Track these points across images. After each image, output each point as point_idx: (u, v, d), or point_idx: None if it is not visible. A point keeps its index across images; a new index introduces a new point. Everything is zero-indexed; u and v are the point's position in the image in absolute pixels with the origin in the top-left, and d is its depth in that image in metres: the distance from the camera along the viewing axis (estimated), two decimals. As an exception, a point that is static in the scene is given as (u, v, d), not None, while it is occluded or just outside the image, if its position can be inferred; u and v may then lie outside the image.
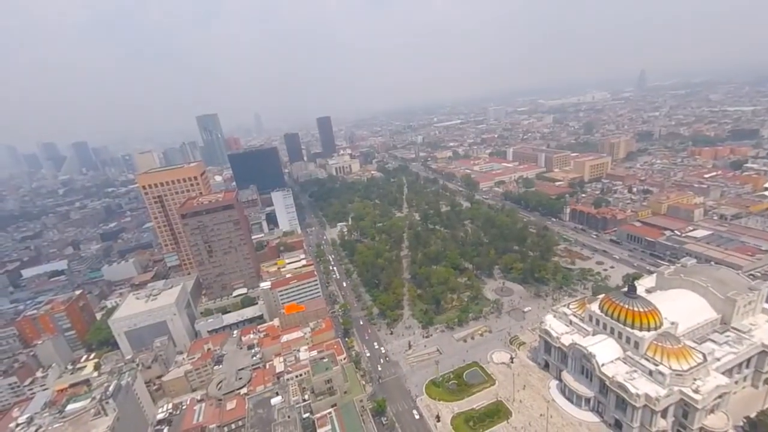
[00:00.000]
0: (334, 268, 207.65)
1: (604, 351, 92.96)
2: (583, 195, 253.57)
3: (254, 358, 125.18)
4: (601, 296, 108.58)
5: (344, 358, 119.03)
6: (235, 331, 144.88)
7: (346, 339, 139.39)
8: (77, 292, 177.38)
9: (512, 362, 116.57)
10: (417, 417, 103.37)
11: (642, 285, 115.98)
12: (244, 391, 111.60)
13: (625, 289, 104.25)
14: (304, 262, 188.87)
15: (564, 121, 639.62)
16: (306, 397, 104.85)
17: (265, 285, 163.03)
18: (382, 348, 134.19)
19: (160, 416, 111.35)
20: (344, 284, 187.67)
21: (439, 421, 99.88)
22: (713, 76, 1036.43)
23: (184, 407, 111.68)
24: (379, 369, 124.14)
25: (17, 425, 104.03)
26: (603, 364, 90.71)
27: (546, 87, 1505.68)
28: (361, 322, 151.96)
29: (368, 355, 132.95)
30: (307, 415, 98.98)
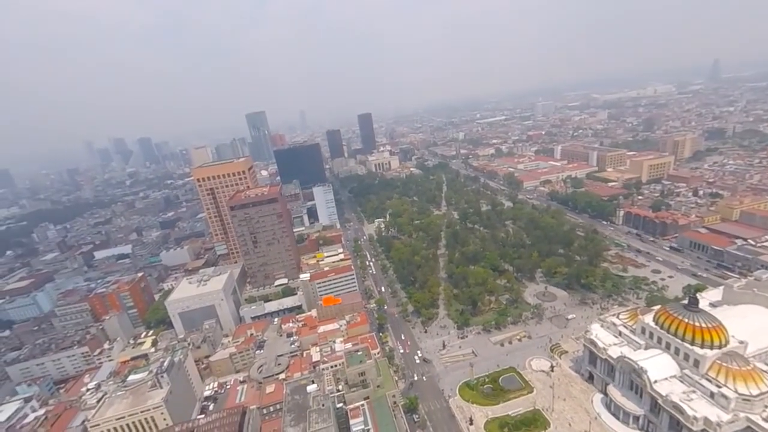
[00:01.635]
0: (371, 263, 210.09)
1: (658, 367, 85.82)
2: (640, 197, 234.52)
3: (292, 346, 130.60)
4: (656, 308, 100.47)
5: (378, 353, 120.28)
6: (275, 319, 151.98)
7: (380, 334, 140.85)
8: (139, 275, 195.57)
9: (552, 371, 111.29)
10: None
11: (705, 298, 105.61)
12: (282, 376, 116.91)
13: (686, 301, 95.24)
14: (341, 256, 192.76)
15: (620, 117, 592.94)
16: (340, 387, 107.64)
17: (305, 276, 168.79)
18: (417, 353, 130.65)
19: (206, 393, 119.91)
20: (380, 280, 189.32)
21: (471, 424, 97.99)
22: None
23: (228, 387, 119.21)
24: (415, 378, 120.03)
25: (87, 390, 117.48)
26: (655, 381, 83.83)
27: (601, 79, 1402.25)
28: (396, 319, 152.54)
29: (402, 351, 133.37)
30: (340, 405, 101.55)
